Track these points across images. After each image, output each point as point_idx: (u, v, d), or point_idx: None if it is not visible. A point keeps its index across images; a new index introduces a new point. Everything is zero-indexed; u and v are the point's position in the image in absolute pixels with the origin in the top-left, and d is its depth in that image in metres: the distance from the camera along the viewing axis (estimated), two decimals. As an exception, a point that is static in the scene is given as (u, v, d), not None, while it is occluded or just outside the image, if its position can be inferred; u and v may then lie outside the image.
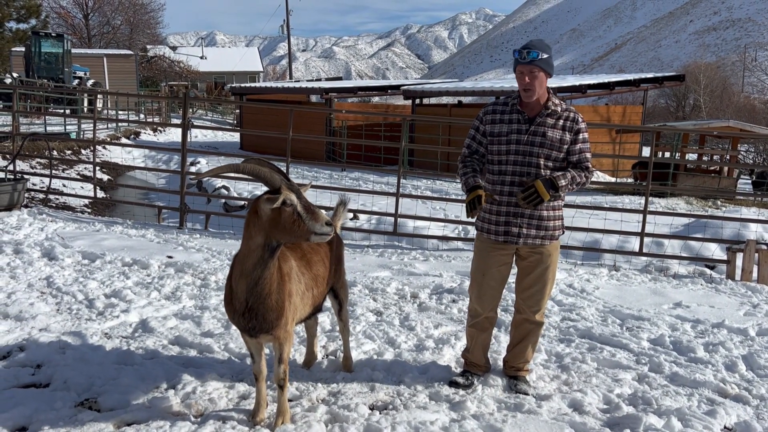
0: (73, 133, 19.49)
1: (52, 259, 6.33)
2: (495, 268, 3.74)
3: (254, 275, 2.99)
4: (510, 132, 3.59)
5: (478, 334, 3.92)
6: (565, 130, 3.56)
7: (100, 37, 52.57)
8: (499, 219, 3.66)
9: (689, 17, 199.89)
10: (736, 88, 68.36)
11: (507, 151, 3.59)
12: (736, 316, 5.77)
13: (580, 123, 3.59)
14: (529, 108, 3.59)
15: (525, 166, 3.56)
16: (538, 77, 3.49)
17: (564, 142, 3.56)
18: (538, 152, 3.54)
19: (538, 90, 3.51)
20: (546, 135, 3.54)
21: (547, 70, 3.52)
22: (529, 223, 3.61)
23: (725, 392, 4.03)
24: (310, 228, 2.93)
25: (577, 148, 3.60)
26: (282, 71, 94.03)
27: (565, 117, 3.57)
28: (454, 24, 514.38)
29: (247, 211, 3.07)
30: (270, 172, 2.95)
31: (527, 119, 3.58)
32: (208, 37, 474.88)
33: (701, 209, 13.21)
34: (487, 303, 3.83)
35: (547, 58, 3.49)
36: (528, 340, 3.89)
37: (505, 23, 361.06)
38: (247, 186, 13.45)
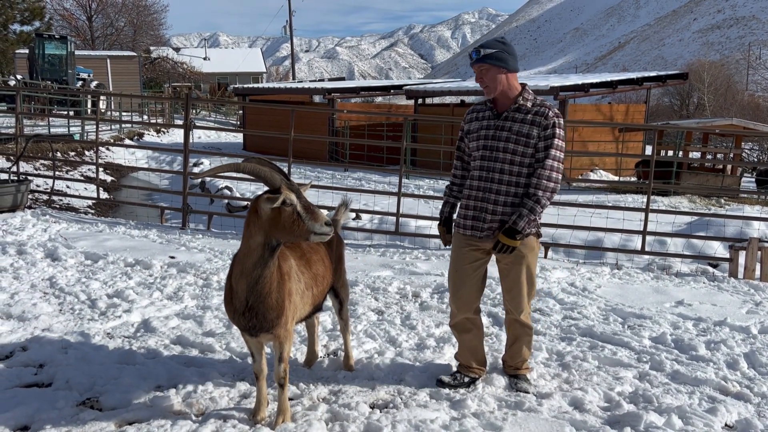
0: (77, 135, 19.57)
1: (55, 260, 6.36)
2: (468, 265, 3.71)
3: (254, 274, 3.00)
4: (480, 128, 3.62)
5: (459, 334, 3.89)
6: (533, 125, 3.47)
7: (104, 39, 52.74)
8: (467, 213, 3.67)
9: (693, 15, 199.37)
10: (740, 86, 68.21)
11: (477, 147, 3.61)
12: (738, 314, 5.75)
13: (550, 118, 3.47)
14: (500, 104, 3.58)
15: (491, 161, 3.56)
16: (489, 73, 3.47)
17: (531, 136, 3.47)
18: (504, 146, 3.51)
19: (493, 86, 3.49)
20: (512, 129, 3.50)
21: (498, 65, 3.46)
22: (492, 219, 3.57)
23: (726, 390, 4.02)
24: (310, 228, 2.93)
25: (542, 155, 3.48)
26: (285, 72, 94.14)
27: (534, 112, 3.50)
28: (457, 24, 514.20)
29: (247, 211, 3.08)
30: (270, 172, 2.96)
31: (496, 114, 3.58)
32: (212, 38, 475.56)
33: (704, 208, 13.19)
34: (463, 302, 3.78)
35: (495, 52, 3.45)
36: (521, 341, 3.86)
37: (508, 23, 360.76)
38: (249, 186, 13.48)
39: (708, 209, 12.81)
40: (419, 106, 20.73)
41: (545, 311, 5.51)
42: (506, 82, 3.50)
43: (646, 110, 19.98)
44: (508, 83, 3.51)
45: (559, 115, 3.52)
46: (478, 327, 3.88)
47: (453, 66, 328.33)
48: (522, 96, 3.53)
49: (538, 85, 17.84)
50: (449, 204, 3.88)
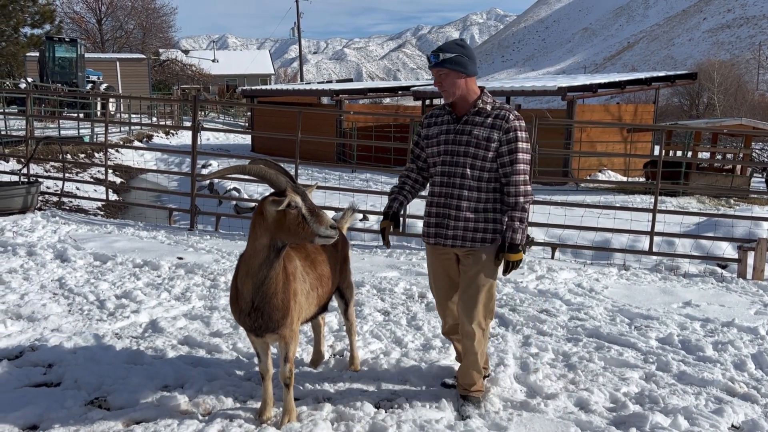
0: (87, 137, 19.71)
1: (65, 261, 6.41)
2: (441, 272, 3.67)
3: (260, 275, 3.02)
4: (440, 133, 3.52)
5: (454, 340, 3.84)
6: (493, 129, 3.38)
7: (113, 42, 53.05)
8: (430, 221, 3.59)
9: (702, 15, 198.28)
10: (751, 86, 67.77)
11: (437, 152, 3.51)
12: (746, 315, 5.73)
13: (511, 121, 3.37)
14: (459, 108, 3.49)
15: (452, 165, 3.46)
16: (449, 78, 3.38)
17: (491, 140, 3.37)
18: (465, 151, 3.42)
19: (452, 90, 3.40)
20: (472, 133, 3.41)
21: (458, 70, 3.37)
22: (456, 225, 3.46)
23: (733, 391, 4.01)
24: (314, 230, 2.94)
25: (507, 159, 3.38)
26: (293, 73, 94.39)
27: (494, 115, 3.41)
28: (465, 24, 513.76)
29: (253, 212, 3.10)
30: (276, 174, 2.97)
31: (455, 119, 3.49)
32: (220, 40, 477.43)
33: (714, 208, 13.11)
34: (449, 310, 3.72)
35: (453, 56, 3.35)
36: (467, 356, 3.59)
37: (517, 23, 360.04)
38: (257, 188, 13.53)
39: (717, 210, 12.74)
40: (427, 106, 20.73)
41: (552, 312, 5.51)
42: (465, 86, 3.42)
43: (654, 110, 19.90)
44: (466, 87, 3.42)
45: (520, 118, 3.45)
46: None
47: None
48: (481, 99, 3.44)
49: (545, 86, 17.82)
50: (398, 201, 3.72)
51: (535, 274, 6.86)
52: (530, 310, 5.51)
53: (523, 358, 4.40)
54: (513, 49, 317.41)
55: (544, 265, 7.26)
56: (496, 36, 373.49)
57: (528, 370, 4.19)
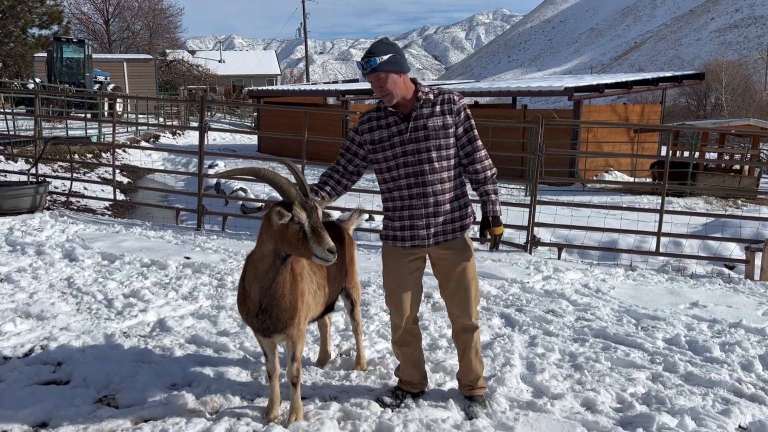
0: (95, 137, 19.81)
1: (73, 260, 6.46)
2: (408, 276, 3.53)
3: (267, 279, 3.04)
4: (391, 135, 3.38)
5: (401, 350, 3.68)
6: (445, 114, 3.36)
7: (120, 42, 53.26)
8: (403, 224, 3.45)
9: (710, 15, 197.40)
10: (759, 86, 67.43)
11: (394, 155, 3.38)
12: (754, 316, 5.71)
13: (457, 102, 3.39)
14: (403, 106, 3.39)
15: (418, 164, 3.36)
16: (389, 80, 3.28)
17: (447, 126, 3.36)
18: (427, 146, 3.35)
19: (395, 92, 3.31)
20: (427, 126, 3.35)
21: (393, 70, 3.28)
22: (436, 222, 3.40)
23: (741, 392, 4.00)
24: (312, 250, 2.92)
25: (466, 139, 3.40)
26: (299, 74, 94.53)
27: (441, 101, 3.38)
28: (471, 25, 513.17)
29: (263, 216, 3.11)
30: (288, 184, 2.96)
31: (403, 117, 3.38)
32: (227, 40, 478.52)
33: (721, 209, 13.06)
34: (407, 315, 3.58)
35: (389, 57, 3.26)
36: (469, 351, 3.59)
37: (523, 23, 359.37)
38: (264, 188, 13.56)
39: (725, 210, 12.69)
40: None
41: (558, 312, 5.51)
42: (404, 84, 3.33)
43: (662, 111, 19.83)
44: (405, 85, 3.34)
45: (462, 97, 3.49)
46: (417, 338, 3.72)
47: (467, 67, 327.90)
48: (421, 91, 3.38)
49: (552, 86, 17.79)
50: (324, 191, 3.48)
51: (541, 274, 6.85)
52: (537, 311, 5.51)
53: (530, 359, 4.40)
54: (519, 50, 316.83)
55: (550, 266, 7.25)
56: (502, 36, 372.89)
57: (534, 370, 4.19)
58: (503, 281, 6.44)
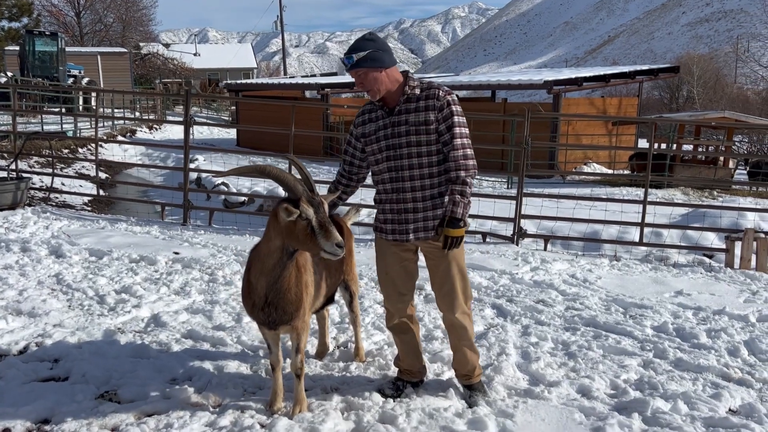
0: (70, 132, 19.48)
1: (60, 257, 6.38)
2: (398, 265, 3.55)
3: (274, 274, 3.07)
4: (377, 129, 3.43)
5: (398, 336, 3.72)
6: (428, 110, 3.32)
7: (93, 35, 52.28)
8: (386, 217, 3.51)
9: (681, 9, 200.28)
10: (729, 79, 68.61)
11: (379, 149, 3.43)
12: (736, 303, 5.87)
13: (442, 98, 3.32)
14: (389, 100, 3.41)
15: (398, 159, 3.38)
16: (369, 76, 3.29)
17: (429, 122, 3.32)
18: (407, 141, 3.35)
19: (376, 87, 3.32)
20: (408, 121, 3.34)
21: (374, 66, 3.28)
22: (415, 218, 3.42)
23: (729, 376, 4.12)
24: (321, 245, 2.95)
25: (448, 136, 3.33)
26: (275, 67, 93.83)
27: (425, 96, 3.34)
28: (447, 18, 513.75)
29: (270, 212, 3.12)
30: (294, 182, 2.99)
31: (388, 111, 3.41)
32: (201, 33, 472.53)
33: (698, 199, 13.34)
34: (398, 303, 3.62)
35: (368, 53, 3.26)
36: (461, 344, 3.61)
37: (498, 17, 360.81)
38: (246, 182, 13.51)
39: (701, 201, 12.96)
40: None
41: (548, 302, 5.60)
42: (387, 79, 3.33)
43: (638, 103, 20.12)
44: (389, 79, 3.34)
45: (451, 92, 3.38)
46: (415, 324, 3.75)
47: (444, 61, 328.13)
48: (408, 85, 3.37)
49: (532, 80, 17.96)
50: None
51: (529, 265, 6.95)
52: (527, 301, 5.60)
53: (524, 348, 4.48)
54: (495, 43, 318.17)
55: (537, 257, 7.36)
56: (478, 30, 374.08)
57: (529, 359, 4.27)
58: (493, 272, 6.52)
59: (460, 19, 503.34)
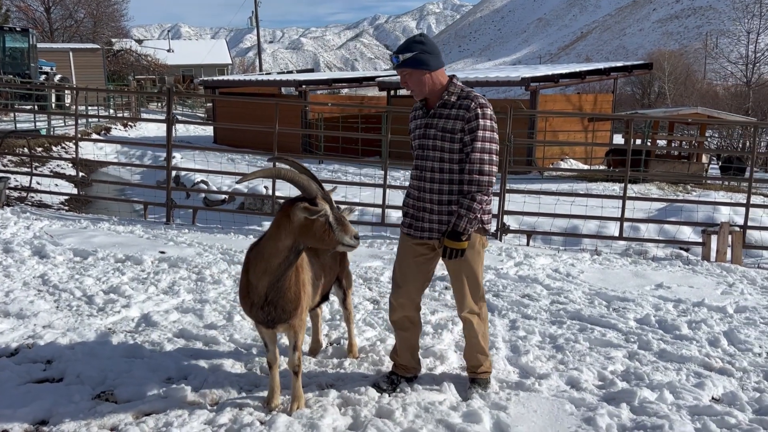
0: (43, 130, 19.16)
1: (44, 257, 6.31)
2: (411, 260, 3.63)
3: (278, 273, 3.11)
4: (416, 127, 3.57)
5: (398, 332, 3.79)
6: (457, 119, 3.37)
7: (63, 31, 51.32)
8: (407, 211, 3.64)
9: (652, 5, 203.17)
10: (699, 75, 69.72)
11: (414, 147, 3.59)
12: (714, 295, 6.05)
13: (472, 109, 3.35)
14: (430, 101, 3.52)
15: (424, 159, 3.50)
16: (413, 77, 3.40)
17: (455, 131, 3.37)
18: (433, 144, 3.45)
19: (419, 88, 3.43)
20: (438, 126, 3.43)
21: (419, 68, 3.37)
22: (431, 218, 3.51)
23: (710, 366, 4.27)
24: (339, 239, 3.06)
25: (470, 148, 3.37)
26: (250, 63, 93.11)
27: (458, 105, 3.39)
28: (422, 14, 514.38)
29: (279, 213, 3.14)
30: (308, 181, 3.04)
31: (426, 112, 3.52)
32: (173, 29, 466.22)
33: (673, 194, 13.62)
34: (405, 299, 3.67)
35: (414, 55, 3.35)
36: (469, 339, 3.72)
37: (473, 13, 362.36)
38: (225, 180, 13.45)
39: (676, 195, 13.24)
40: (392, 97, 20.83)
41: (534, 297, 5.72)
42: (431, 81, 3.42)
43: (613, 100, 20.43)
44: (433, 81, 3.42)
45: (485, 105, 3.39)
46: (417, 325, 3.81)
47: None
48: (447, 90, 3.44)
49: (509, 77, 18.11)
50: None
51: (513, 260, 7.07)
52: (513, 296, 5.71)
53: (513, 341, 4.58)
54: (470, 39, 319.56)
55: (521, 252, 7.49)
56: (452, 26, 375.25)
57: (519, 352, 4.37)
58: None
59: (435, 15, 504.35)
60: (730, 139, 24.36)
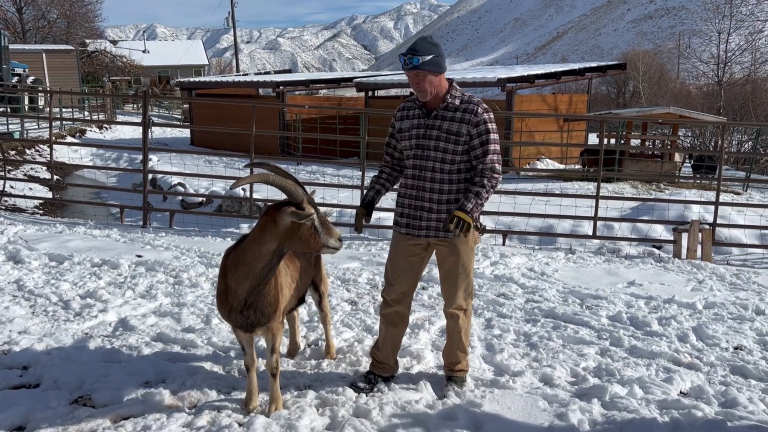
0: (16, 133, 18.90)
1: (18, 263, 6.26)
2: (404, 258, 3.71)
3: (260, 277, 3.14)
4: (412, 127, 3.61)
5: (387, 327, 3.85)
6: (463, 123, 3.48)
7: (35, 32, 50.50)
8: (403, 211, 3.68)
9: (626, 6, 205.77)
10: (672, 74, 70.72)
11: (410, 146, 3.61)
12: (684, 292, 6.20)
13: (480, 114, 3.47)
14: (430, 103, 3.58)
15: (424, 159, 3.57)
16: (427, 79, 3.46)
17: (461, 134, 3.48)
18: (435, 145, 3.52)
19: (429, 90, 3.49)
20: (441, 128, 3.51)
21: (433, 71, 3.45)
22: (429, 217, 3.59)
23: (679, 361, 4.39)
24: (324, 242, 3.14)
25: (480, 151, 3.50)
26: (227, 64, 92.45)
27: (463, 109, 3.50)
28: (400, 14, 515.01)
29: (263, 218, 3.18)
30: (294, 186, 3.09)
31: (426, 113, 3.58)
32: (148, 29, 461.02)
33: (646, 192, 13.86)
34: (395, 294, 3.75)
35: (431, 58, 3.42)
36: (451, 335, 3.81)
37: (450, 13, 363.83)
38: (202, 182, 13.40)
39: (650, 194, 13.47)
40: (369, 98, 20.88)
41: (509, 295, 5.81)
42: (440, 84, 3.51)
43: (588, 100, 20.70)
44: (441, 84, 3.52)
45: (489, 110, 3.53)
46: (405, 322, 3.88)
47: (396, 57, 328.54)
48: (450, 94, 3.54)
49: (486, 77, 18.27)
50: (374, 189, 3.81)
51: (489, 260, 7.17)
52: (489, 295, 5.80)
53: (488, 340, 4.66)
54: (447, 39, 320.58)
55: (497, 252, 7.59)
56: (430, 26, 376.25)
57: (494, 350, 4.45)
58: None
59: (413, 15, 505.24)
60: (702, 138, 24.80)
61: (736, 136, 24.12)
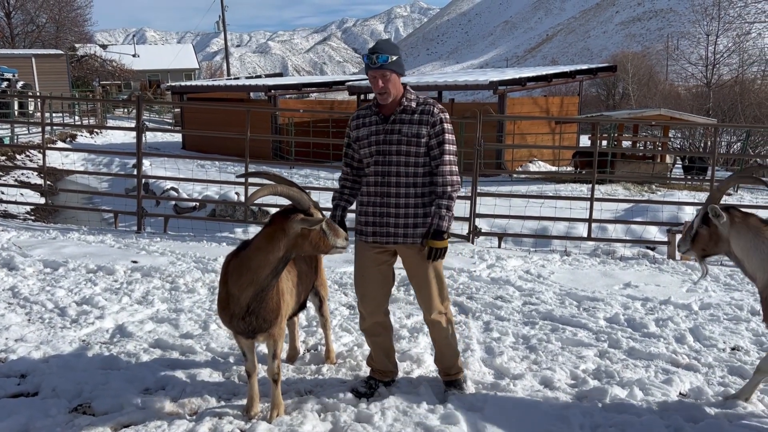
0: (6, 139, 18.78)
1: (13, 269, 6.21)
2: (374, 268, 3.67)
3: (264, 284, 3.15)
4: (370, 134, 3.58)
5: (372, 338, 3.84)
6: (421, 124, 3.49)
7: (24, 36, 50.18)
8: (367, 220, 3.64)
9: (615, 8, 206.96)
10: (661, 76, 71.17)
11: (370, 153, 3.58)
12: (679, 293, 6.23)
13: (436, 115, 3.50)
14: (386, 108, 3.57)
15: (386, 165, 3.55)
16: (391, 80, 3.46)
17: (421, 136, 3.49)
18: (397, 150, 3.51)
19: (392, 91, 3.49)
20: (402, 131, 3.51)
21: (398, 71, 3.49)
22: (396, 223, 3.56)
23: (677, 362, 4.41)
24: (333, 243, 3.22)
25: (437, 151, 3.52)
26: (217, 67, 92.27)
27: (420, 111, 3.52)
28: (390, 17, 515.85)
29: (270, 227, 3.17)
30: (300, 194, 3.14)
31: (383, 118, 3.57)
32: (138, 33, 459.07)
33: (638, 194, 13.93)
34: (371, 305, 3.72)
35: (396, 59, 3.46)
36: (439, 342, 3.80)
37: (440, 16, 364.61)
38: (195, 187, 13.35)
39: (642, 195, 13.55)
40: (362, 101, 20.87)
41: (506, 298, 5.82)
42: (399, 86, 3.53)
43: (579, 102, 20.79)
44: (399, 87, 3.53)
45: (444, 111, 3.57)
46: (388, 329, 3.86)
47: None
48: (405, 97, 3.55)
49: (477, 80, 18.33)
50: (340, 207, 3.76)
51: (486, 263, 7.18)
52: (486, 298, 5.80)
53: (487, 343, 4.67)
54: (437, 42, 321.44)
55: (493, 254, 7.60)
56: (420, 29, 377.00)
57: (493, 353, 4.46)
58: (452, 271, 6.71)
59: (403, 19, 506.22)
60: (692, 139, 24.96)
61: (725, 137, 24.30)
